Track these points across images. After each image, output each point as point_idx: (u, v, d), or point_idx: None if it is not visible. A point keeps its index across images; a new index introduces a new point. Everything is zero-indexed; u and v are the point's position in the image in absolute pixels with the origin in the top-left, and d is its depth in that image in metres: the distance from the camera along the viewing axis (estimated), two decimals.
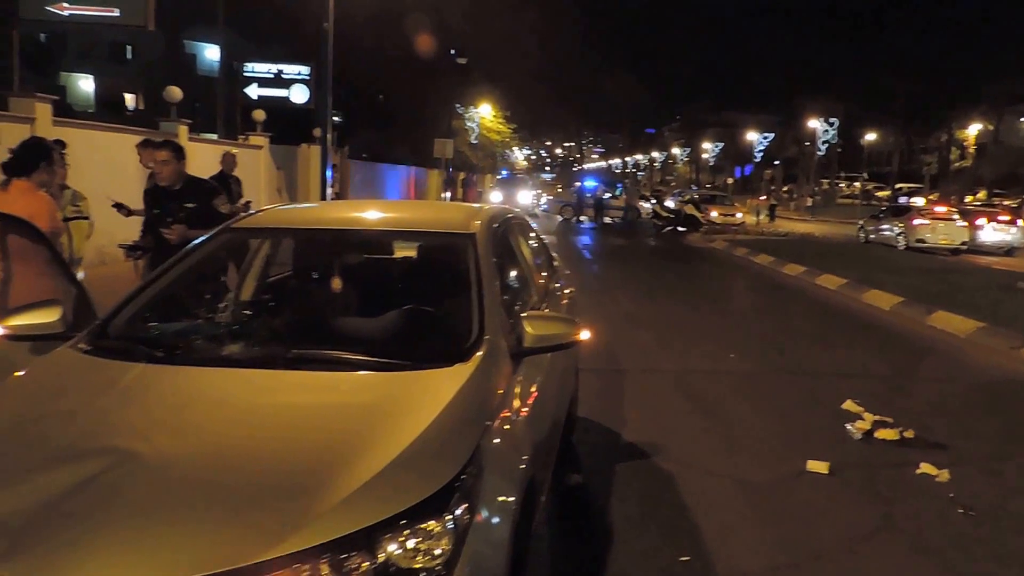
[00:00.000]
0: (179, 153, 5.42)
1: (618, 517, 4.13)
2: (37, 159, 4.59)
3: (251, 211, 4.55)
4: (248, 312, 3.70)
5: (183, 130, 14.78)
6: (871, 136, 59.25)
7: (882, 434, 5.45)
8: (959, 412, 6.35)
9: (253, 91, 25.28)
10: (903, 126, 57.13)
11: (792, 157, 66.15)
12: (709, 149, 79.42)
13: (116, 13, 14.08)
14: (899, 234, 24.66)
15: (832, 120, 52.12)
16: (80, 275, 4.89)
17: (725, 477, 4.74)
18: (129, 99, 39.36)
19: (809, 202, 47.40)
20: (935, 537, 4.05)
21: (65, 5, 13.99)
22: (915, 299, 11.25)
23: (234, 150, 10.45)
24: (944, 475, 4.78)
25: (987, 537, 4.06)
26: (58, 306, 3.01)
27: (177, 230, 5.22)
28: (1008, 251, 24.33)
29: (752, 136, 65.53)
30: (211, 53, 36.09)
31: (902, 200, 40.97)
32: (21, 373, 2.77)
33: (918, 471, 4.86)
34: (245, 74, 25.91)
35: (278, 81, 25.64)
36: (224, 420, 2.42)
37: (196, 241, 3.66)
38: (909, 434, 5.44)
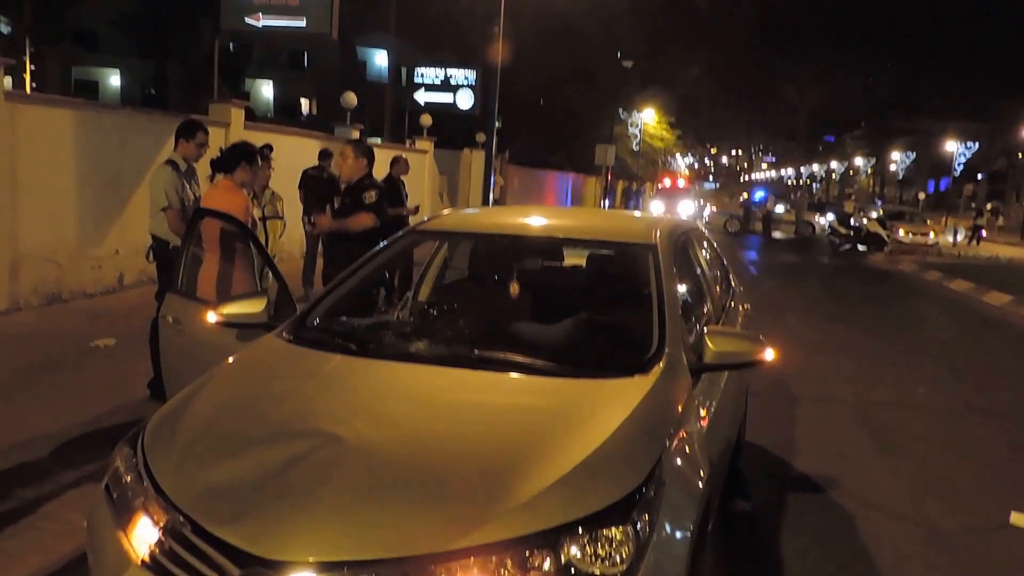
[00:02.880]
0: (359, 152, 5.75)
1: (789, 551, 3.88)
2: (239, 159, 4.97)
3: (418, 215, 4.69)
4: (432, 311, 3.83)
5: (356, 134, 15.46)
6: None
7: None
8: None
9: (420, 96, 26.14)
10: None
11: (1000, 171, 59.31)
12: (898, 159, 73.46)
13: (303, 23, 14.93)
14: None
15: None
16: None
17: (911, 521, 4.35)
18: (304, 104, 41.93)
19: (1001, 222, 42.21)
20: None
21: (260, 16, 15.00)
22: None
23: (405, 155, 10.79)
24: None
25: None
26: (264, 297, 3.29)
27: (323, 220, 5.80)
28: None
29: (951, 146, 59.20)
30: (380, 59, 37.80)
31: None
32: (236, 356, 3.02)
33: None
34: (414, 80, 26.83)
35: (444, 86, 26.37)
36: (418, 412, 2.55)
37: (384, 243, 3.86)
38: None
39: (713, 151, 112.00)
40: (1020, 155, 51.67)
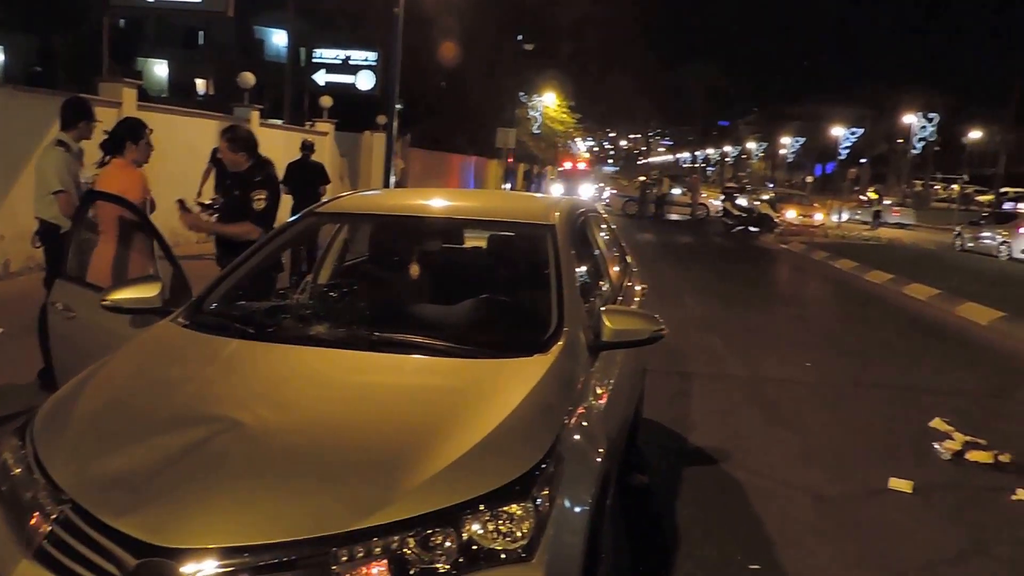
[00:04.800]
0: (235, 146, 5.13)
1: (684, 521, 4.02)
2: (124, 137, 4.80)
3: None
4: (331, 294, 3.78)
5: (255, 115, 15.01)
6: (975, 134, 54.70)
7: (974, 456, 5.15)
8: None
9: (320, 77, 25.49)
10: (1014, 123, 52.56)
11: (882, 155, 62.44)
12: (788, 144, 76.47)
13: (198, 0, 14.32)
14: (1002, 243, 22.96)
15: (931, 115, 48.68)
16: None
17: (799, 489, 4.56)
18: (200, 84, 40.36)
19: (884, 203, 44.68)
20: None
21: None
22: (1017, 314, 10.48)
23: (311, 138, 10.61)
24: None
25: None
26: (157, 282, 3.19)
27: (189, 219, 5.13)
28: None
29: (837, 131, 61.88)
30: (279, 38, 36.73)
31: (1008, 206, 37.76)
32: (130, 343, 2.94)
33: (1014, 497, 4.57)
34: (313, 60, 26.16)
35: (345, 67, 25.77)
36: (318, 395, 2.56)
37: (287, 222, 3.78)
38: (1005, 458, 5.12)
39: (612, 135, 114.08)
40: (900, 140, 54.53)
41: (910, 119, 50.45)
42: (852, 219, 36.28)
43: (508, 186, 33.43)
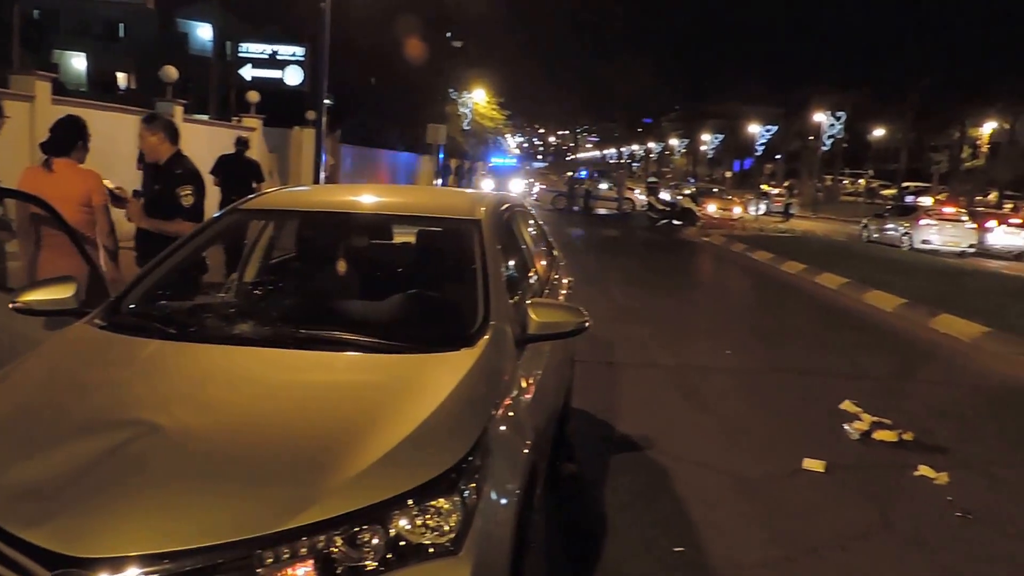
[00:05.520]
0: (154, 128, 5.00)
1: (612, 507, 4.14)
2: (75, 137, 4.69)
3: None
4: (255, 292, 3.73)
5: (178, 110, 14.63)
6: (879, 131, 57.62)
7: (880, 435, 5.44)
8: (960, 416, 6.33)
9: (247, 72, 25.09)
10: (913, 122, 55.48)
11: (795, 151, 64.91)
12: (708, 141, 78.55)
13: None
14: (904, 234, 24.36)
15: (839, 114, 50.93)
16: None
17: (720, 472, 4.74)
18: (121, 78, 38.99)
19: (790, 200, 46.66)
20: (930, 537, 4.05)
21: None
22: (919, 301, 11.11)
23: (245, 134, 10.43)
24: (943, 478, 4.77)
25: (983, 540, 4.06)
26: (72, 282, 3.07)
27: (133, 207, 4.87)
28: (1018, 255, 23.99)
29: (754, 128, 64.10)
30: (203, 32, 35.79)
31: (909, 199, 40.15)
32: (42, 347, 2.84)
33: (916, 473, 4.86)
34: (239, 54, 25.67)
35: (272, 62, 25.44)
36: (241, 395, 2.50)
37: (210, 219, 3.70)
38: (908, 436, 5.44)
39: (541, 131, 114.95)
40: (811, 137, 56.82)
41: (820, 117, 52.90)
42: (769, 212, 37.58)
43: (440, 182, 33.36)
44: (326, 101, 16.30)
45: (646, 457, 4.89)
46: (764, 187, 45.95)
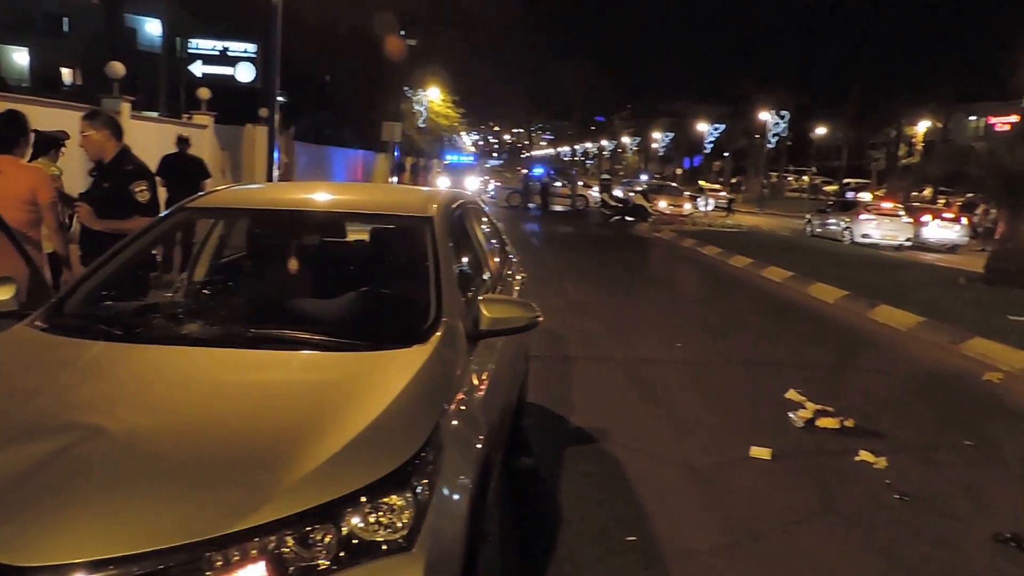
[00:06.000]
0: (98, 123, 4.92)
1: (567, 499, 4.21)
2: (16, 133, 4.60)
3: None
4: (205, 291, 3.69)
5: (125, 107, 14.32)
6: (821, 130, 60.19)
7: (823, 423, 5.63)
8: (898, 403, 6.58)
9: (197, 68, 24.61)
10: (853, 121, 57.90)
11: (742, 149, 66.80)
12: (659, 139, 79.80)
13: None
14: (845, 229, 25.25)
15: (783, 113, 52.48)
16: None
17: (672, 462, 4.85)
18: (66, 74, 37.99)
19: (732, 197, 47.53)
20: (869, 520, 4.22)
21: None
22: (859, 293, 11.56)
23: (187, 131, 10.26)
24: (881, 462, 4.96)
25: (919, 520, 4.24)
26: (11, 284, 3.00)
27: (83, 211, 4.78)
28: (952, 248, 24.92)
29: (703, 127, 65.64)
30: (152, 27, 35.10)
31: (849, 195, 41.48)
32: None
33: (857, 458, 5.04)
34: (189, 51, 25.22)
35: (223, 59, 25.02)
36: (188, 396, 2.45)
37: (158, 218, 3.64)
38: (849, 423, 5.63)
39: (496, 129, 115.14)
40: (757, 136, 58.31)
41: (765, 116, 54.27)
42: (718, 208, 38.36)
43: (395, 180, 33.21)
44: (279, 98, 16.11)
45: (600, 449, 4.98)
46: (702, 183, 46.99)
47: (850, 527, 4.12)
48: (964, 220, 26.05)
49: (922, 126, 56.05)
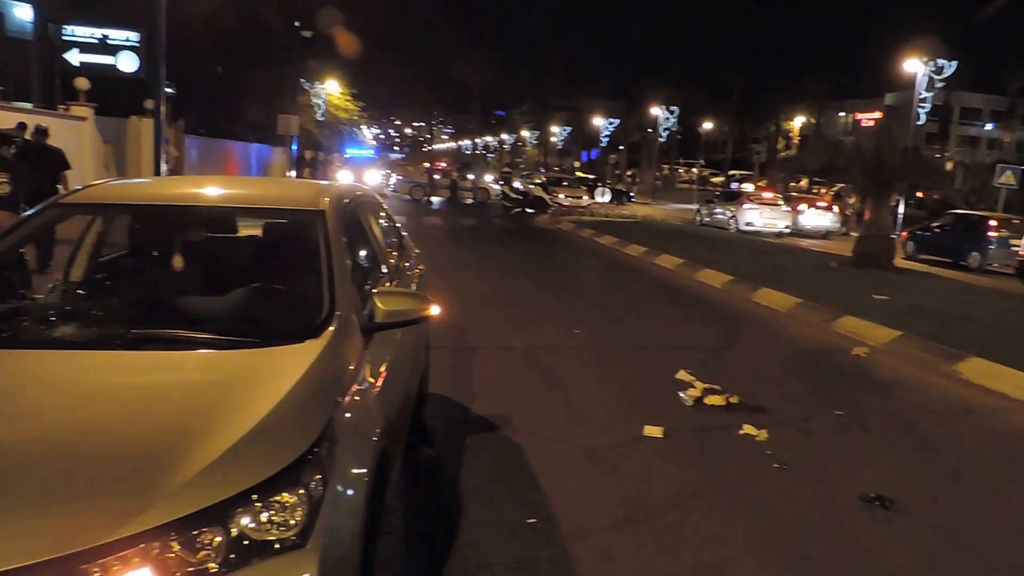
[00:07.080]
0: None
1: (468, 487, 4.28)
2: None
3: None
4: (81, 292, 3.53)
5: None
6: (708, 125, 63.37)
7: (711, 400, 5.93)
8: (778, 378, 7.00)
9: (74, 57, 23.35)
10: (736, 116, 61.31)
11: (635, 142, 69.25)
12: (557, 133, 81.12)
13: None
14: (730, 218, 26.95)
15: (673, 108, 54.42)
16: None
17: (570, 444, 5.00)
18: None
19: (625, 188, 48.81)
20: (753, 489, 4.49)
21: None
22: (743, 278, 12.28)
23: (46, 122, 9.72)
24: (763, 435, 5.28)
25: (796, 487, 4.56)
26: None
27: None
28: (825, 234, 27.07)
29: (598, 121, 67.34)
30: (22, 12, 33.01)
31: (734, 186, 43.93)
32: None
33: (741, 432, 5.35)
34: (64, 37, 23.88)
35: (103, 47, 23.83)
36: (61, 403, 2.34)
37: (26, 215, 3.45)
38: (734, 399, 5.95)
39: (397, 123, 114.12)
40: (649, 130, 60.46)
41: (656, 111, 56.10)
42: (614, 199, 39.52)
43: (293, 173, 32.45)
44: (167, 89, 15.53)
45: (501, 435, 5.07)
46: (579, 173, 48.41)
47: (734, 497, 4.37)
48: (836, 208, 28.57)
49: (798, 121, 59.85)
